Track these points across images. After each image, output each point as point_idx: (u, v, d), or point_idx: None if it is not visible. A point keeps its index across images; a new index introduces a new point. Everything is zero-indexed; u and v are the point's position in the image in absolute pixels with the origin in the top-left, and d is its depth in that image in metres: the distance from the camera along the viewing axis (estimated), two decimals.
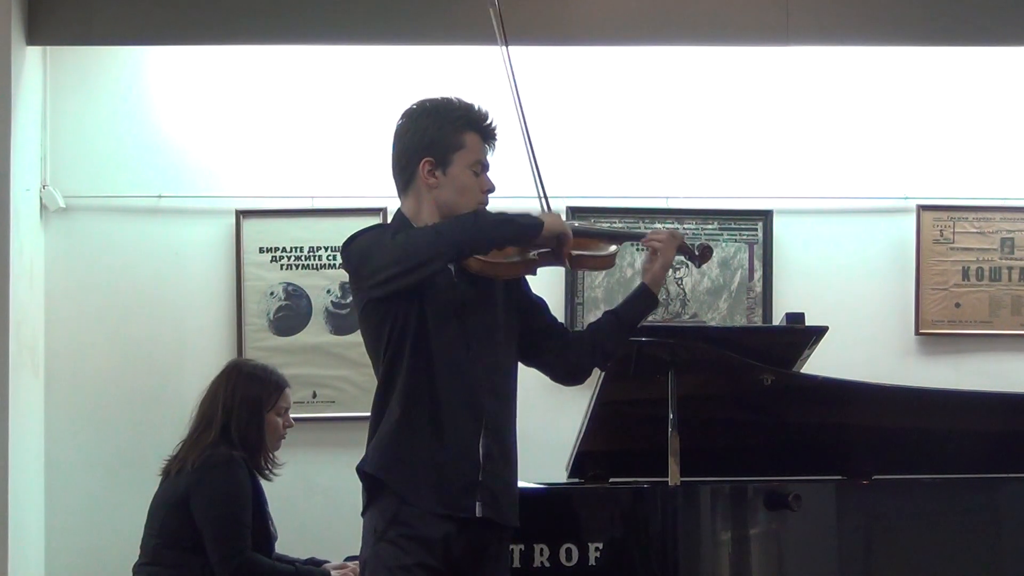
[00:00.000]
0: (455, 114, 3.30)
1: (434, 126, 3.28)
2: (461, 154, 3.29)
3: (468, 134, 3.30)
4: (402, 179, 3.33)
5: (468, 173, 3.30)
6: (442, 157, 3.28)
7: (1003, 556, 3.93)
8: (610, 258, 3.46)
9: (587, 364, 3.44)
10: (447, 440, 3.20)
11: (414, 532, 3.17)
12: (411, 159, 3.29)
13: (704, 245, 3.58)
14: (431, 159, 3.27)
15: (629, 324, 3.45)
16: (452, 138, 3.28)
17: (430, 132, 3.28)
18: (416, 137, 3.29)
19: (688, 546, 3.68)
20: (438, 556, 3.18)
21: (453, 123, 3.29)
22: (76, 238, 5.33)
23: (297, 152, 5.40)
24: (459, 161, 3.28)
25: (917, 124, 5.52)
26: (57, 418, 5.25)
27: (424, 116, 3.31)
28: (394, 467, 3.20)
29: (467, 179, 3.30)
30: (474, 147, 3.30)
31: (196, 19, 5.03)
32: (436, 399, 3.21)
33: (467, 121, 3.31)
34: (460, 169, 3.29)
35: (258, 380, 4.32)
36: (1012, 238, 5.49)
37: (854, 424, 4.03)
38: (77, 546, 5.23)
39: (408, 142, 3.30)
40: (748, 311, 5.43)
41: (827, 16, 5.12)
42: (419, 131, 3.29)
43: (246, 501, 4.14)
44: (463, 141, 3.29)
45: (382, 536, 3.20)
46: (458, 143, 3.28)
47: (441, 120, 3.29)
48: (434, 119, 3.29)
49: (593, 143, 5.44)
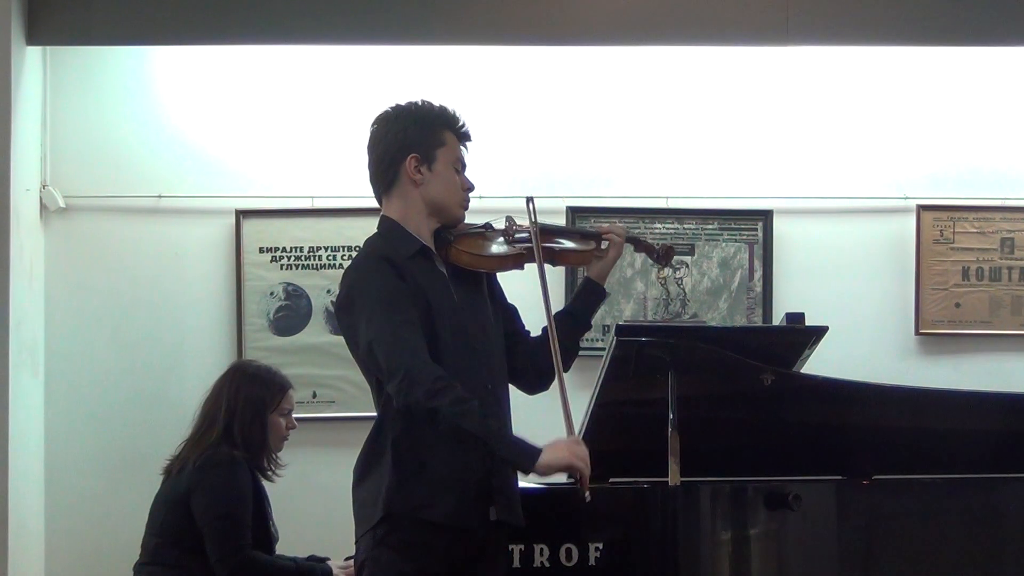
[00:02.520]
0: (433, 114, 3.37)
1: (415, 125, 3.34)
2: (443, 150, 3.35)
3: (446, 132, 3.36)
4: (384, 181, 3.36)
5: (451, 169, 3.35)
6: (426, 153, 3.32)
7: (1003, 556, 3.93)
8: (589, 253, 3.54)
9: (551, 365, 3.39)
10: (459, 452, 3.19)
11: (416, 538, 3.18)
12: (395, 158, 3.33)
13: (667, 246, 3.71)
14: (417, 155, 3.31)
15: (583, 318, 3.53)
16: (434, 135, 3.34)
17: (411, 131, 3.33)
18: (398, 137, 3.33)
19: (688, 546, 3.68)
20: (439, 560, 3.19)
21: (432, 122, 3.35)
22: (76, 238, 5.33)
23: (297, 152, 5.40)
24: (442, 158, 3.34)
25: (917, 124, 5.52)
26: (57, 418, 5.25)
27: (403, 117, 3.36)
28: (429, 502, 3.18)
29: (450, 175, 3.36)
30: (453, 145, 3.37)
31: (196, 19, 5.03)
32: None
33: (444, 121, 3.37)
34: (443, 165, 3.34)
35: (261, 381, 4.33)
36: (1012, 238, 5.49)
37: (854, 424, 4.02)
38: (77, 546, 5.23)
39: (390, 143, 3.34)
40: (748, 311, 5.43)
41: (827, 16, 5.11)
42: (400, 131, 3.33)
43: (246, 501, 4.15)
44: (444, 138, 3.35)
45: (381, 541, 3.20)
46: (440, 140, 3.34)
47: (421, 119, 3.35)
48: (414, 119, 3.35)
49: (593, 143, 5.44)
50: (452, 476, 3.20)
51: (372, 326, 3.16)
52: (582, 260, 3.59)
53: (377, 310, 3.17)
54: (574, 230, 3.75)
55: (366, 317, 3.18)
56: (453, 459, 3.20)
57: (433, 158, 3.33)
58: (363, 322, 3.18)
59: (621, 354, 3.66)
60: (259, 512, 4.22)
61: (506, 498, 3.26)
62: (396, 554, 3.18)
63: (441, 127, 3.35)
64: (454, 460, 3.20)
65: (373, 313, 3.17)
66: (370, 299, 3.19)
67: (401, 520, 3.19)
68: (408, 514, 3.19)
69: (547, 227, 3.51)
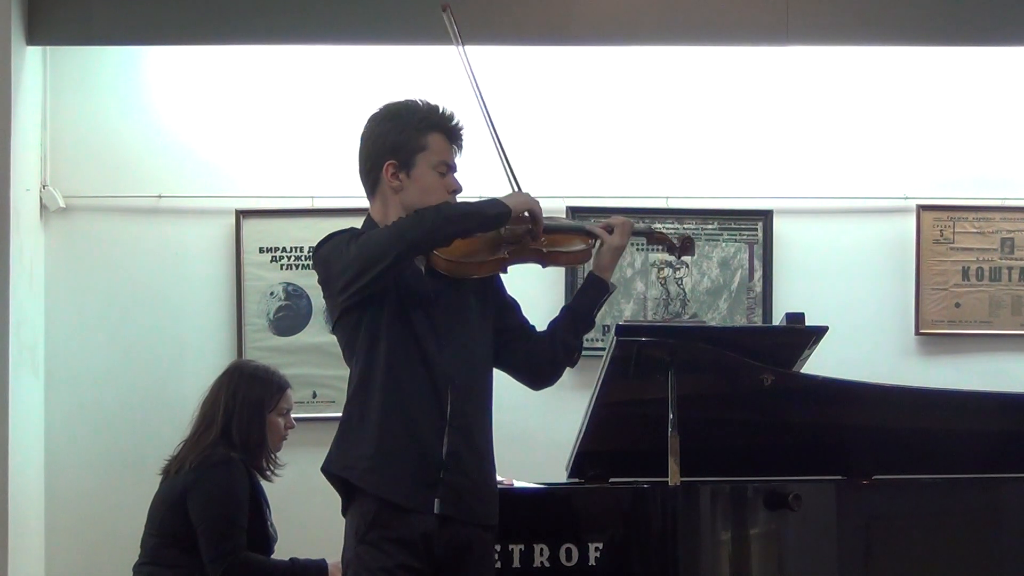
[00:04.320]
0: (417, 116, 3.33)
1: (395, 129, 3.32)
2: (424, 155, 3.31)
3: (431, 135, 3.33)
4: (368, 183, 3.37)
5: (432, 174, 3.32)
6: (405, 159, 3.31)
7: (1003, 556, 3.93)
8: (584, 253, 3.47)
9: (552, 361, 3.42)
10: (410, 435, 3.21)
11: (394, 534, 3.18)
12: (375, 163, 3.33)
13: (685, 236, 3.63)
14: (394, 161, 3.31)
15: (584, 314, 3.46)
16: (414, 140, 3.31)
17: (392, 136, 3.31)
18: (379, 141, 3.32)
19: (688, 546, 3.68)
20: (420, 556, 3.19)
21: (415, 125, 3.32)
22: (76, 238, 5.33)
23: (297, 152, 5.40)
24: (422, 162, 3.31)
25: (917, 124, 5.53)
26: (57, 418, 5.26)
27: (386, 120, 3.34)
28: (355, 464, 3.22)
29: (431, 180, 3.32)
30: (437, 148, 3.33)
31: (196, 19, 5.03)
32: (401, 394, 3.22)
33: (430, 123, 3.33)
34: (423, 170, 3.31)
35: (260, 381, 4.32)
36: (1012, 238, 5.49)
37: (854, 424, 4.02)
38: (77, 546, 5.23)
39: (372, 146, 3.34)
40: (748, 311, 5.43)
41: (827, 16, 5.12)
42: (382, 135, 3.33)
43: (242, 502, 4.14)
44: (426, 142, 3.32)
45: (362, 538, 3.21)
46: (420, 144, 3.31)
47: (403, 123, 3.32)
48: (396, 123, 3.33)
49: (593, 143, 5.45)
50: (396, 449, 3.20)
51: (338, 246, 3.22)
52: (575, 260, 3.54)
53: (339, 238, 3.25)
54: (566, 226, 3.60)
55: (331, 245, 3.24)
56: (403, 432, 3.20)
57: (412, 163, 3.30)
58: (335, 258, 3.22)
59: (621, 354, 3.65)
60: (257, 513, 4.22)
61: (453, 492, 3.22)
62: (378, 551, 3.18)
63: (425, 130, 3.31)
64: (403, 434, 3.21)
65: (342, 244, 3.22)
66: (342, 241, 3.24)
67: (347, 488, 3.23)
68: (337, 475, 3.23)
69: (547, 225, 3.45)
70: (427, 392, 3.23)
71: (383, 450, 3.21)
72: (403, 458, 3.21)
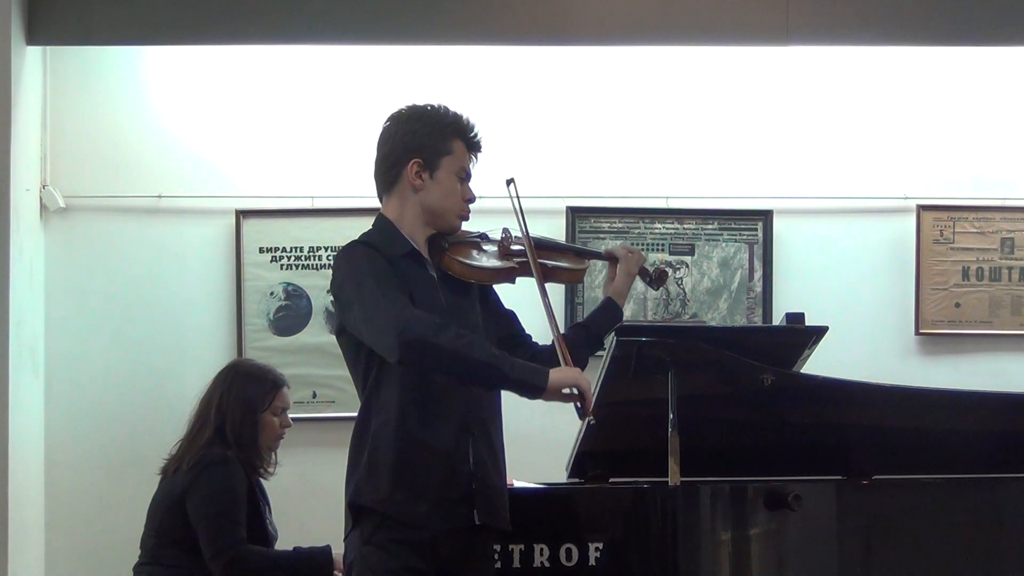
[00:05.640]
0: (445, 120, 3.35)
1: (424, 130, 3.33)
2: (449, 159, 3.33)
3: (456, 141, 3.35)
4: (386, 180, 3.36)
5: (454, 179, 3.34)
6: (431, 160, 3.32)
7: (1003, 556, 3.93)
8: (580, 272, 3.59)
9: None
10: (439, 452, 3.21)
11: (401, 536, 3.19)
12: (399, 159, 3.32)
13: (660, 269, 3.73)
14: (420, 160, 3.31)
15: (596, 336, 3.59)
16: (441, 143, 3.33)
17: (420, 135, 3.32)
18: (406, 139, 3.32)
19: (688, 546, 3.68)
20: (425, 557, 3.20)
21: (443, 129, 3.34)
22: (76, 238, 5.33)
23: (297, 152, 5.40)
24: (446, 166, 3.33)
25: (917, 124, 5.53)
26: (57, 418, 5.25)
27: (415, 119, 3.35)
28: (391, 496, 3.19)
29: (452, 184, 3.34)
30: (461, 155, 3.35)
31: (196, 19, 5.03)
32: (426, 411, 3.22)
33: (456, 129, 3.36)
34: (447, 174, 3.33)
35: (254, 380, 4.32)
36: (1012, 238, 5.49)
37: (854, 424, 4.02)
38: (77, 546, 5.23)
39: (397, 143, 3.33)
40: (748, 311, 5.43)
41: (827, 16, 5.12)
42: (409, 133, 3.33)
43: (239, 499, 4.14)
44: (452, 147, 3.34)
45: (368, 540, 3.21)
46: (447, 148, 3.33)
47: (432, 125, 3.33)
48: (425, 123, 3.34)
49: (593, 143, 5.45)
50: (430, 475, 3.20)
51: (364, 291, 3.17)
52: (573, 279, 3.60)
53: (367, 281, 3.19)
54: (570, 247, 3.75)
55: (356, 289, 3.20)
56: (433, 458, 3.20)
57: (437, 165, 3.32)
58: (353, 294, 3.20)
59: (621, 354, 3.65)
60: (255, 511, 4.22)
61: (487, 500, 3.25)
62: (383, 552, 3.18)
63: (452, 135, 3.34)
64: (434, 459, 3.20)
65: (363, 286, 3.18)
66: (360, 274, 3.21)
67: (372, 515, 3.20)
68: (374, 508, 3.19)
69: (541, 241, 3.52)
70: (454, 407, 3.24)
71: (413, 477, 3.19)
72: (436, 478, 3.21)
